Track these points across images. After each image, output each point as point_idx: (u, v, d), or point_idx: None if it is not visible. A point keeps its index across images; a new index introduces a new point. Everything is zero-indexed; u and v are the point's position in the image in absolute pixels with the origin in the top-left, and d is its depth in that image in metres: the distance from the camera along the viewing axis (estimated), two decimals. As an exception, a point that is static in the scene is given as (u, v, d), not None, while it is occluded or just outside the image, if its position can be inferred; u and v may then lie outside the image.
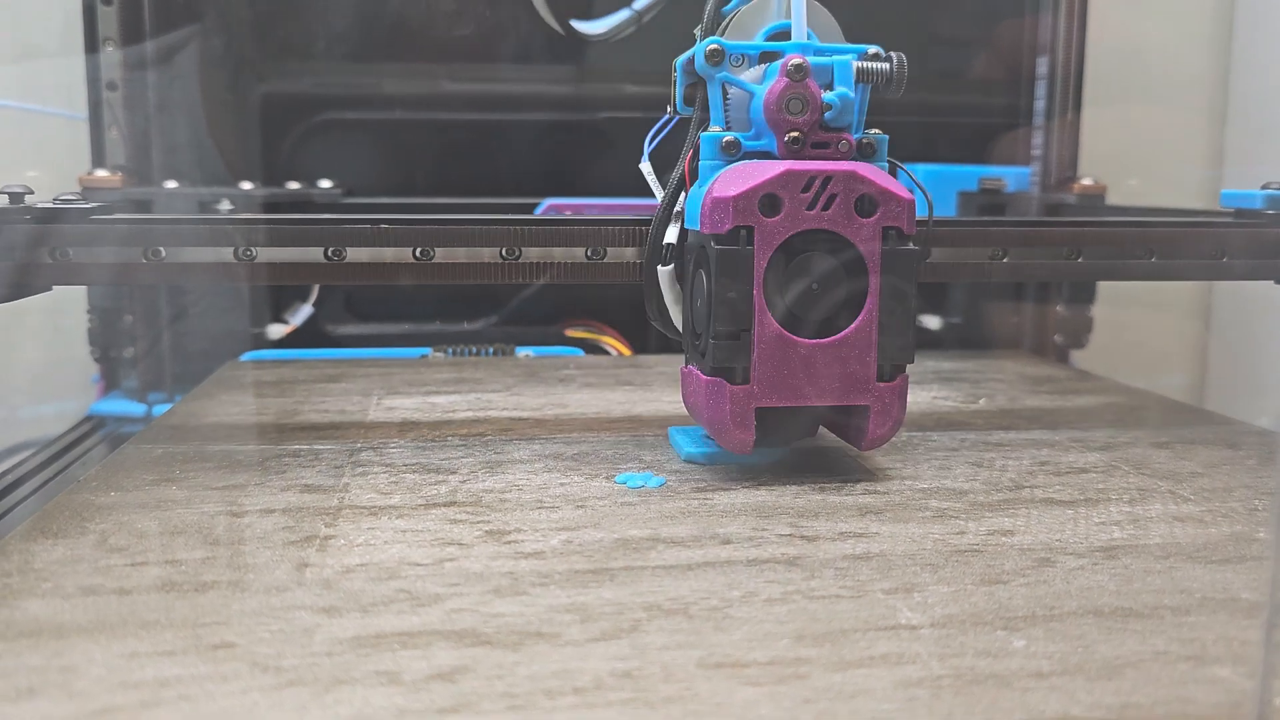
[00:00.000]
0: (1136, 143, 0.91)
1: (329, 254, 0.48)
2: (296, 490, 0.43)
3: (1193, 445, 0.51)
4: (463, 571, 0.35)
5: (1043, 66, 0.82)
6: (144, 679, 0.27)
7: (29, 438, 0.71)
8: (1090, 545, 0.38)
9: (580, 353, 0.76)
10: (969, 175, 0.80)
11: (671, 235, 0.46)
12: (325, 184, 0.78)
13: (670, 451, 0.49)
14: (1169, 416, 0.58)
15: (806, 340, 0.42)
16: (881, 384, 0.43)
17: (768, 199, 0.41)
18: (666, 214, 0.46)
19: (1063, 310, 0.80)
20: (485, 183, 0.82)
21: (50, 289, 0.49)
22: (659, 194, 0.47)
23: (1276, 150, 0.87)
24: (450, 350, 0.75)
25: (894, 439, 0.51)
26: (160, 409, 0.71)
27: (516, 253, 0.49)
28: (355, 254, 0.48)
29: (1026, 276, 0.52)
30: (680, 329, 0.47)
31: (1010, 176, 0.81)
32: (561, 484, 0.44)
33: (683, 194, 0.46)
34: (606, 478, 0.45)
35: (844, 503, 0.42)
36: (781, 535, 0.38)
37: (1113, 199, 0.79)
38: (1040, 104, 0.83)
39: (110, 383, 0.77)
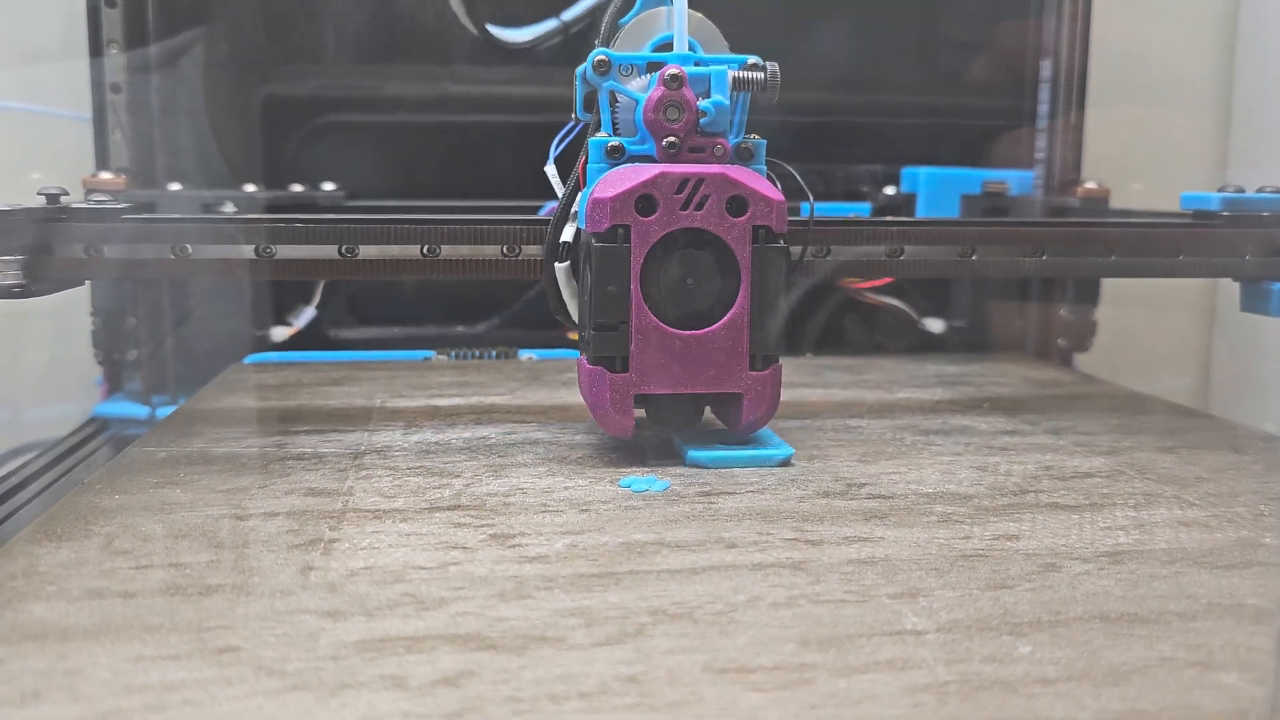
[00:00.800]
0: (1140, 146, 0.91)
1: (343, 251, 0.50)
2: (300, 493, 0.43)
3: (1197, 450, 0.51)
4: (467, 575, 0.35)
5: (1046, 69, 0.82)
6: (149, 683, 0.27)
7: (33, 440, 0.71)
8: (1096, 550, 0.37)
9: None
10: (972, 179, 0.80)
11: (569, 234, 0.49)
12: (328, 186, 0.78)
13: (674, 454, 0.49)
14: (1173, 421, 0.58)
15: (681, 331, 0.45)
16: (754, 373, 0.46)
17: (643, 199, 0.45)
18: (564, 213, 0.49)
19: (1066, 313, 0.80)
20: (488, 186, 0.82)
21: (84, 283, 0.53)
22: (560, 194, 0.49)
23: (1280, 154, 0.87)
24: (453, 353, 0.75)
25: (898, 442, 0.51)
26: (164, 411, 0.71)
27: (519, 251, 0.50)
28: (366, 251, 0.51)
29: (988, 273, 0.55)
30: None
31: (1014, 180, 0.81)
32: (565, 488, 0.44)
33: (580, 194, 0.48)
34: (610, 481, 0.45)
35: (848, 507, 0.42)
36: (786, 539, 0.38)
37: (1116, 202, 0.79)
38: (1044, 107, 0.83)
39: (114, 385, 0.77)
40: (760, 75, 0.47)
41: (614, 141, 0.47)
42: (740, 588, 0.34)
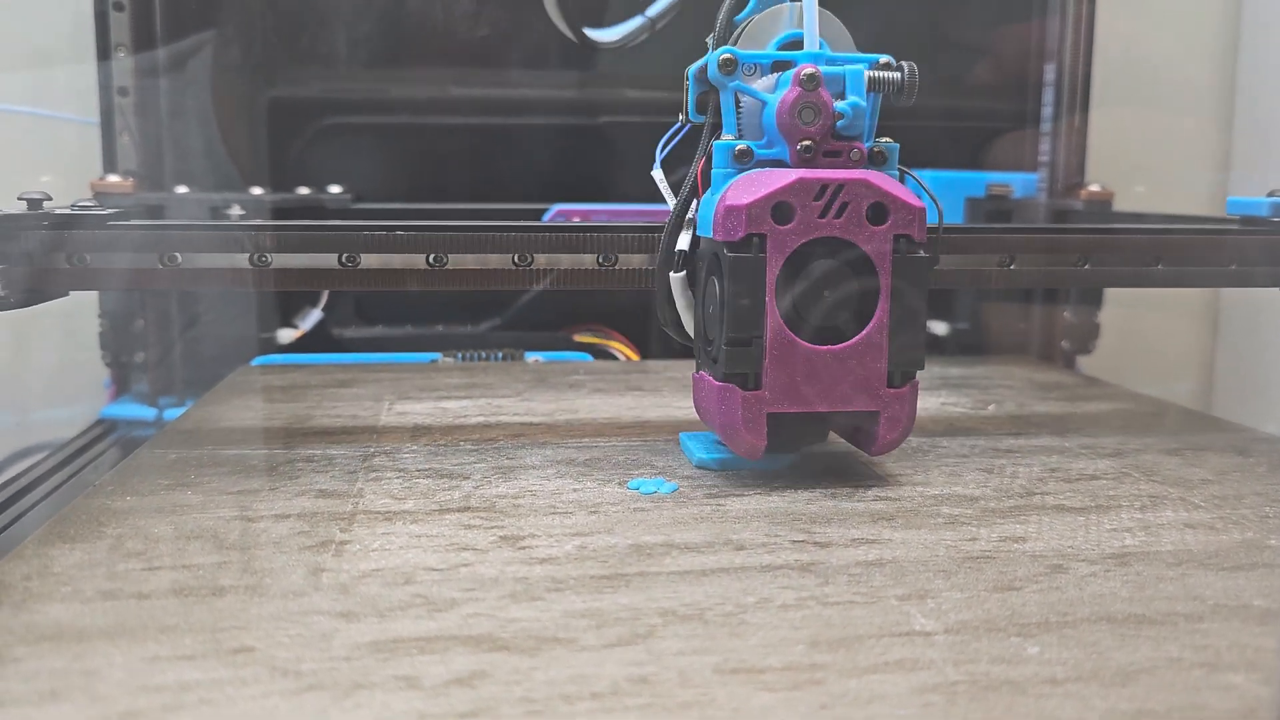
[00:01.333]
0: (1144, 149, 0.91)
1: (343, 260, 0.49)
2: (311, 495, 0.43)
3: (1203, 452, 0.51)
4: (478, 577, 0.35)
5: (1050, 73, 0.82)
6: (165, 683, 0.28)
7: (41, 441, 0.71)
8: (1102, 552, 0.38)
9: (589, 358, 0.76)
10: (976, 181, 0.80)
11: (684, 242, 0.46)
12: (335, 189, 0.79)
13: (681, 457, 0.49)
14: (1178, 423, 0.58)
15: (817, 346, 0.43)
16: (891, 390, 0.43)
17: (780, 207, 0.42)
18: (679, 221, 0.47)
19: (1070, 316, 0.81)
20: (493, 188, 0.82)
21: (67, 294, 0.50)
22: (671, 201, 0.47)
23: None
24: (460, 355, 0.75)
25: (905, 445, 0.51)
26: (171, 413, 0.72)
27: (529, 259, 0.49)
28: (369, 260, 0.49)
29: (1033, 283, 0.53)
30: (692, 335, 0.47)
31: (1017, 183, 0.81)
32: (574, 489, 0.44)
33: (695, 201, 0.46)
34: (619, 483, 0.45)
35: (856, 509, 0.42)
36: (795, 541, 0.38)
37: (1120, 205, 0.80)
38: (1047, 110, 0.83)
39: (121, 387, 0.78)
40: (897, 76, 0.44)
41: (742, 145, 0.44)
42: (750, 589, 0.34)
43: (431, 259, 0.49)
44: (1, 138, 0.78)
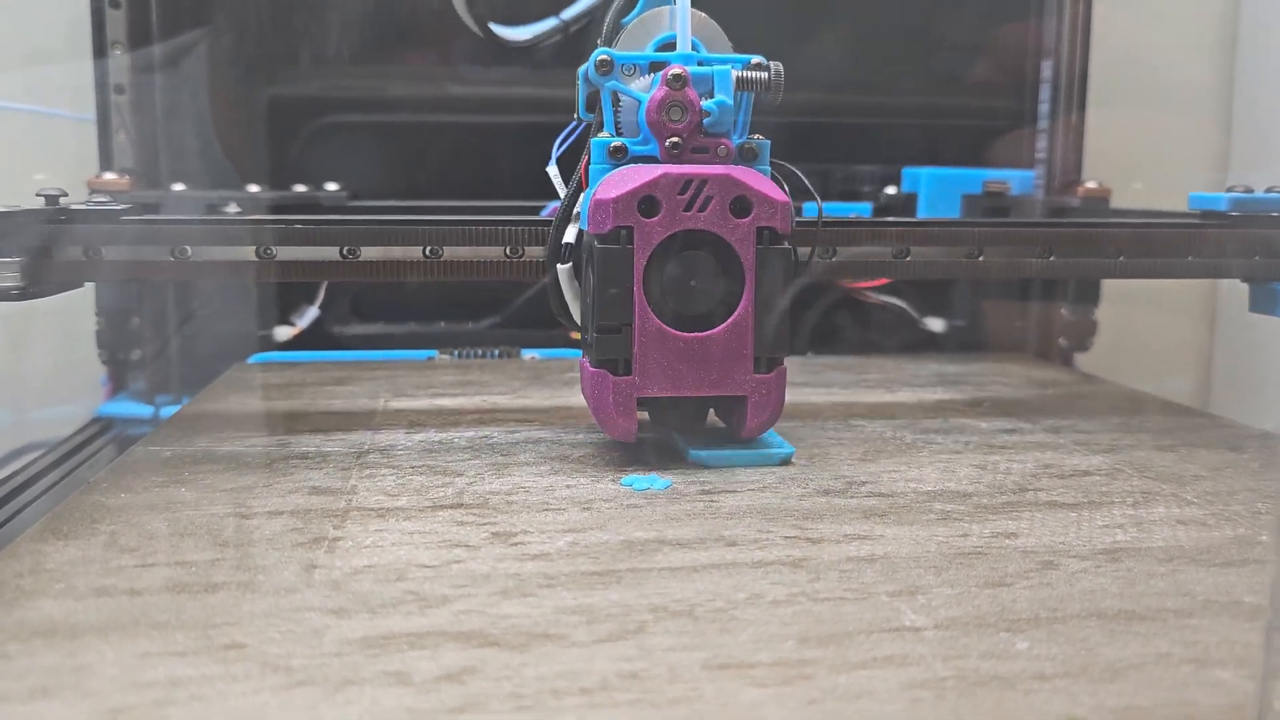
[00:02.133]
0: (1141, 146, 0.91)
1: (344, 252, 0.50)
2: (304, 492, 0.43)
3: (1196, 448, 0.51)
4: (470, 573, 0.35)
5: (1047, 70, 0.82)
6: (156, 679, 0.28)
7: (38, 439, 0.71)
8: (1093, 548, 0.38)
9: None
10: (973, 178, 0.80)
11: (571, 235, 0.48)
12: (331, 187, 0.79)
13: (675, 453, 0.49)
14: (1172, 419, 0.58)
15: (685, 334, 0.45)
16: (759, 375, 0.46)
17: (646, 200, 0.44)
18: (566, 215, 0.49)
19: (1066, 313, 0.81)
20: (490, 186, 0.82)
21: (81, 285, 0.53)
22: (563, 195, 0.49)
23: (1281, 153, 0.87)
24: (456, 352, 0.75)
25: (898, 441, 0.51)
26: (168, 411, 0.72)
27: (522, 252, 0.50)
28: (368, 253, 0.50)
29: (998, 275, 0.54)
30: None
31: (1014, 180, 0.81)
32: (567, 486, 0.44)
33: (582, 195, 0.48)
34: (612, 480, 0.45)
35: (848, 505, 0.42)
36: (786, 537, 0.38)
37: (1117, 202, 0.80)
38: (1044, 107, 0.83)
39: (118, 385, 0.78)
40: (764, 75, 0.46)
41: (616, 142, 0.47)
42: (740, 585, 0.34)
43: (428, 251, 0.50)
44: (-2, 135, 0.78)
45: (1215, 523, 0.41)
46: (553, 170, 0.51)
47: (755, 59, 0.47)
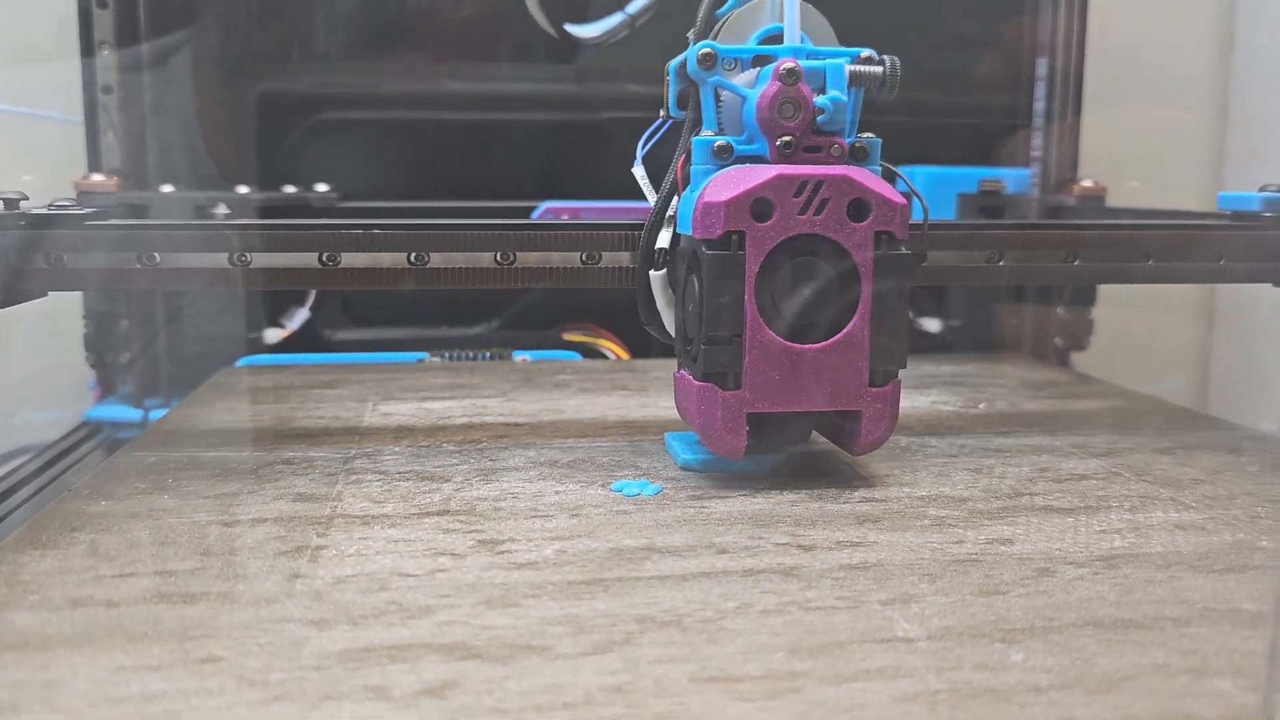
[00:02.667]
0: (1137, 144, 0.91)
1: (324, 259, 0.48)
2: (289, 499, 0.42)
3: (1194, 451, 0.51)
4: (454, 582, 0.34)
5: (1042, 68, 0.82)
6: (129, 694, 0.27)
7: (25, 443, 0.70)
8: (1090, 554, 0.37)
9: (578, 357, 0.76)
10: (969, 177, 0.79)
11: (664, 240, 0.46)
12: (321, 188, 0.78)
13: (667, 458, 0.48)
14: (1170, 421, 0.58)
15: (798, 345, 0.42)
16: (874, 389, 0.43)
17: (760, 204, 0.41)
18: (659, 218, 0.46)
19: (1063, 313, 0.80)
20: (482, 185, 0.82)
21: (45, 295, 0.49)
22: (652, 198, 0.47)
23: (1278, 151, 0.87)
24: (447, 355, 0.74)
25: (892, 444, 0.51)
26: (156, 414, 0.71)
27: (512, 258, 0.49)
28: (351, 259, 0.48)
29: (1022, 280, 0.52)
30: (673, 333, 0.47)
31: (1010, 178, 0.80)
32: (556, 492, 0.44)
33: (675, 198, 0.46)
34: (602, 485, 0.44)
35: (842, 511, 0.41)
36: (778, 544, 0.38)
37: (1113, 200, 0.79)
38: (1040, 105, 0.82)
39: (106, 388, 0.77)
40: (879, 70, 0.43)
41: (721, 140, 0.43)
42: (730, 594, 0.33)
43: (413, 257, 0.48)
44: (-15, 136, 0.77)
45: (1214, 527, 0.40)
46: (639, 171, 0.47)
47: (865, 52, 0.43)
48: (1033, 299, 0.82)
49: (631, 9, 0.61)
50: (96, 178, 0.73)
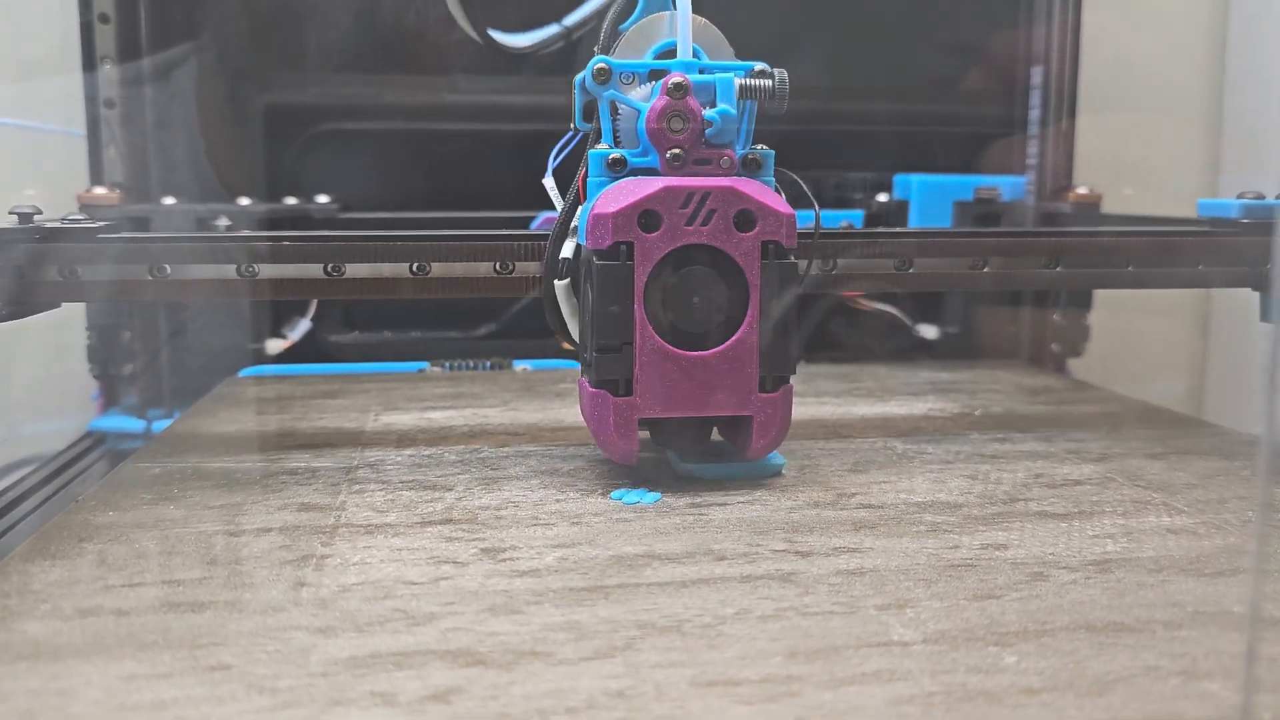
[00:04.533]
0: (1132, 151, 0.91)
1: (328, 270, 0.49)
2: (294, 509, 0.43)
3: (1187, 456, 0.51)
4: (458, 590, 0.35)
5: (1037, 76, 0.82)
6: (141, 701, 0.28)
7: (29, 454, 0.71)
8: (1083, 559, 0.38)
9: (578, 366, 0.76)
10: (964, 185, 0.80)
11: (568, 250, 0.47)
12: (322, 199, 0.78)
13: (665, 466, 0.49)
14: (1164, 427, 0.58)
15: (688, 353, 0.44)
16: (764, 395, 0.44)
17: (647, 215, 0.43)
18: (563, 229, 0.47)
19: (1059, 319, 0.81)
20: (481, 196, 0.82)
21: (59, 306, 0.50)
22: (560, 209, 0.48)
23: (1271, 157, 0.87)
24: (448, 364, 0.75)
25: (889, 451, 0.51)
26: (159, 425, 0.72)
27: (510, 267, 0.50)
28: (354, 270, 0.49)
29: (1004, 285, 0.53)
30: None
31: (1005, 186, 0.81)
32: (557, 500, 0.44)
33: (580, 209, 0.47)
34: (602, 494, 0.45)
35: (838, 517, 0.42)
36: (776, 551, 0.38)
37: (1108, 208, 0.80)
38: (1035, 113, 0.83)
39: (110, 399, 0.77)
40: (768, 83, 0.44)
41: (615, 154, 0.45)
42: (729, 600, 0.34)
43: (415, 267, 0.49)
44: (-12, 150, 0.78)
45: (1205, 532, 0.41)
46: (549, 182, 0.49)
47: (758, 66, 0.45)
48: (1030, 305, 0.83)
49: (569, 20, 0.61)
50: (99, 191, 0.74)
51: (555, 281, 0.47)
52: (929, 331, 0.83)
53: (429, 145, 0.82)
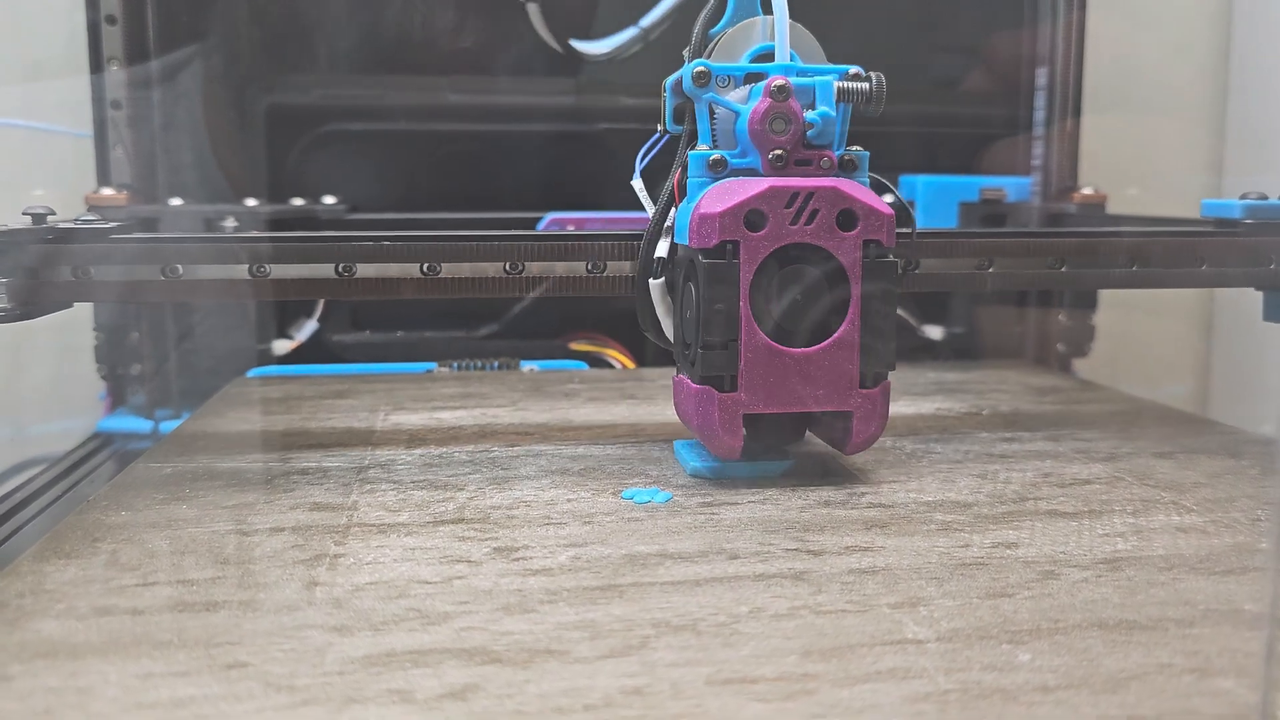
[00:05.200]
0: (1136, 152, 0.91)
1: (339, 270, 0.49)
2: (305, 508, 0.43)
3: (1195, 455, 0.51)
4: (471, 589, 0.35)
5: (1042, 77, 0.83)
6: (159, 699, 0.28)
7: (38, 454, 0.71)
8: (1094, 557, 0.38)
9: (584, 366, 0.76)
10: (970, 186, 0.80)
11: (662, 249, 0.48)
12: (329, 200, 0.79)
13: (676, 466, 0.49)
14: (1171, 426, 0.58)
15: (792, 349, 0.44)
16: (864, 390, 0.45)
17: (753, 214, 0.43)
18: (657, 229, 0.48)
19: (1064, 319, 0.81)
20: (488, 197, 0.82)
21: (70, 306, 0.51)
22: (650, 209, 0.48)
23: (1276, 158, 0.88)
24: (455, 365, 0.75)
25: (898, 450, 0.51)
26: (167, 426, 0.72)
27: (520, 267, 0.50)
28: (364, 270, 0.49)
29: (1010, 286, 0.54)
30: (672, 340, 0.48)
31: (1011, 187, 0.81)
32: (569, 500, 0.44)
33: (673, 209, 0.47)
34: (613, 493, 0.45)
35: (849, 516, 0.42)
36: (788, 550, 0.38)
37: (1113, 208, 0.80)
38: (1040, 114, 0.83)
39: (117, 400, 0.78)
40: (865, 86, 0.45)
41: (716, 154, 0.45)
42: (743, 599, 0.34)
43: (426, 268, 0.49)
44: (-4, 151, 0.78)
45: (1215, 530, 0.41)
46: (638, 184, 0.49)
47: (853, 69, 0.45)
48: (1034, 305, 0.83)
49: (644, 22, 0.61)
50: (106, 192, 0.74)
51: (650, 280, 0.48)
52: (934, 332, 0.83)
53: (434, 146, 0.82)
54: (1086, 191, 0.80)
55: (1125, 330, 0.87)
